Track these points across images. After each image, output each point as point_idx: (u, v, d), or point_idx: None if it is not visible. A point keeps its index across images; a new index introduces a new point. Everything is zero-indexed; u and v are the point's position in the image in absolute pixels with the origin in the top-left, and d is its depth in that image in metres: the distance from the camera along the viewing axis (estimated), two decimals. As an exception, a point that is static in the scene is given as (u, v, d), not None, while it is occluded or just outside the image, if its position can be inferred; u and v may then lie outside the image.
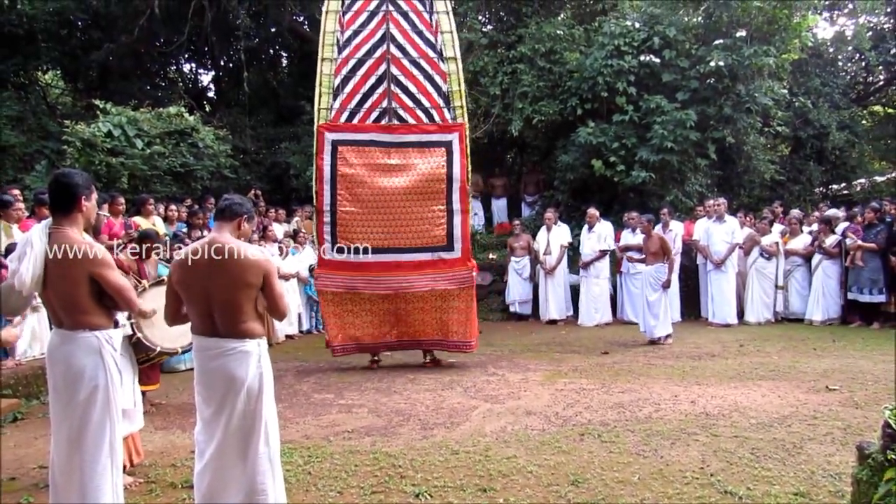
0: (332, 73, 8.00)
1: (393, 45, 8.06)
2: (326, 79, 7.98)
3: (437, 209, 7.94)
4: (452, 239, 7.98)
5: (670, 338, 9.41)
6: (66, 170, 3.75)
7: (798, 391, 6.46)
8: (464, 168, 7.92)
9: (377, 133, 7.97)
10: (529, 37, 13.76)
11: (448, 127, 7.99)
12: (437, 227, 7.95)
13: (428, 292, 7.91)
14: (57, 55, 15.84)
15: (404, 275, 7.92)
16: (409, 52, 8.07)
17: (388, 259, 7.91)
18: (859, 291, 10.39)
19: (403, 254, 7.92)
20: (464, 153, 7.93)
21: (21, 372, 6.65)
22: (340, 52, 8.05)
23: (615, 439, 5.09)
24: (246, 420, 3.45)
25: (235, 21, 15.66)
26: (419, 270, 7.93)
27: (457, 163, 7.92)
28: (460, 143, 7.93)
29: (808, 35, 13.55)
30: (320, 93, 7.94)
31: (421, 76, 8.06)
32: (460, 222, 7.98)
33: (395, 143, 7.96)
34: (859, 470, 3.07)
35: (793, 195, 15.44)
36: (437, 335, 8.06)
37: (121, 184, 10.62)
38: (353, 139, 7.96)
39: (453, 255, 7.97)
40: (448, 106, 8.03)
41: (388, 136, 7.96)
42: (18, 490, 4.37)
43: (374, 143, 7.96)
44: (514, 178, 16.09)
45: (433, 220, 7.95)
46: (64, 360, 3.44)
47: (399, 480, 4.37)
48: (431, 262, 7.95)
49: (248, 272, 3.47)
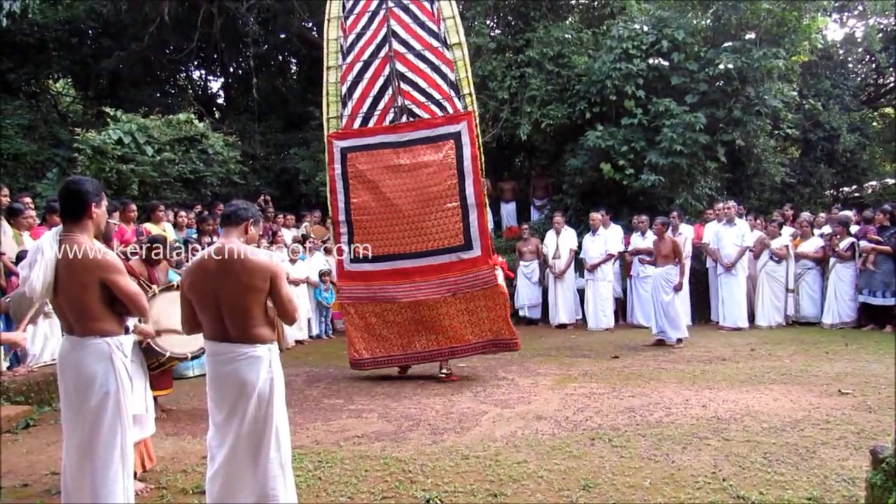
0: (338, 81, 7.82)
1: (396, 41, 7.77)
2: (333, 87, 7.82)
3: (450, 206, 7.51)
4: (470, 237, 7.50)
5: (682, 342, 9.37)
6: (77, 177, 3.78)
7: (810, 395, 6.41)
8: (475, 158, 7.48)
9: (384, 134, 7.71)
10: (537, 41, 13.77)
11: (454, 117, 7.59)
12: (452, 225, 7.51)
13: (451, 297, 7.49)
14: (68, 63, 15.99)
15: (425, 280, 7.54)
16: (414, 46, 7.76)
17: (407, 265, 7.58)
18: (871, 294, 10.31)
19: (422, 258, 7.56)
20: (474, 143, 7.49)
21: (33, 378, 6.69)
22: (345, 57, 7.86)
23: (626, 444, 5.07)
24: (257, 425, 3.46)
25: (244, 28, 15.75)
26: (439, 274, 7.52)
27: (467, 154, 7.48)
28: (469, 132, 7.49)
29: (817, 37, 13.48)
30: (328, 102, 7.81)
31: (428, 69, 7.72)
32: (477, 217, 7.48)
33: (403, 141, 7.65)
34: (873, 474, 3.04)
35: (803, 198, 15.34)
36: (475, 339, 7.58)
37: (131, 191, 10.70)
38: (361, 144, 7.74)
39: (473, 255, 7.49)
40: (458, 95, 7.64)
41: (395, 136, 7.69)
42: (31, 496, 4.39)
43: (384, 146, 7.69)
44: (523, 183, 16.06)
45: (448, 218, 7.53)
46: (75, 367, 3.46)
47: (409, 485, 4.36)
48: (450, 265, 7.52)
49: (256, 276, 3.48)
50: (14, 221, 7.48)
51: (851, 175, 16.88)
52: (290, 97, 18.14)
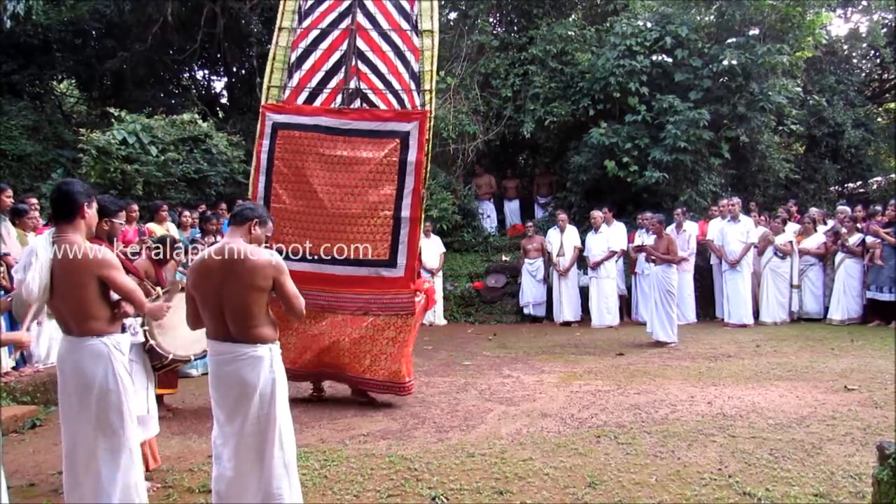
0: (288, 46, 6.76)
1: (362, 13, 6.75)
2: (282, 51, 6.77)
3: (382, 215, 6.43)
4: (396, 253, 6.40)
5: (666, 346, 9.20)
6: (68, 179, 3.82)
7: (816, 391, 6.39)
8: (420, 165, 6.35)
9: (324, 117, 6.58)
10: (541, 38, 13.77)
11: (406, 114, 6.51)
12: (381, 237, 6.43)
13: (361, 317, 6.41)
14: (72, 64, 16.06)
15: (337, 292, 6.44)
16: (380, 23, 6.75)
17: (321, 270, 6.43)
18: (878, 290, 10.27)
19: (339, 266, 6.41)
20: (422, 147, 6.36)
21: (39, 379, 6.70)
22: (301, 20, 6.79)
23: (631, 441, 5.06)
24: (260, 424, 3.47)
25: (248, 27, 15.79)
26: (354, 288, 6.42)
27: (412, 158, 6.37)
28: (420, 134, 6.36)
29: (821, 32, 13.45)
30: (272, 68, 6.77)
31: (391, 52, 6.69)
32: (408, 233, 6.38)
33: (343, 129, 6.54)
34: (880, 470, 3.03)
35: (808, 194, 15.30)
36: (369, 375, 6.41)
37: (136, 190, 10.72)
38: (296, 122, 6.60)
39: (395, 274, 6.39)
40: (418, 89, 6.60)
41: (336, 121, 6.55)
42: (38, 496, 4.40)
43: (319, 129, 6.56)
44: (527, 180, 16.09)
45: (377, 228, 6.44)
46: (73, 368, 3.48)
47: (415, 483, 4.36)
48: (369, 280, 6.42)
49: (257, 275, 3.48)
50: (19, 222, 7.49)
51: (856, 171, 16.81)
52: (293, 97, 18.18)
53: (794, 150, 16.65)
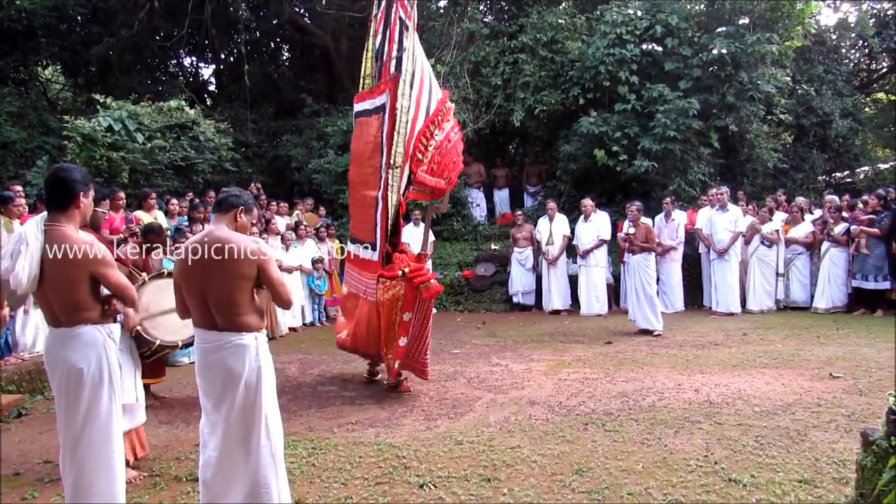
0: (373, 35, 6.66)
1: None
2: (371, 41, 6.72)
3: (371, 195, 6.36)
4: (375, 235, 6.32)
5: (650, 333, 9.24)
6: (65, 165, 3.71)
7: (802, 379, 6.44)
8: (389, 139, 5.99)
9: (361, 102, 6.73)
10: (531, 26, 13.72)
11: (379, 88, 6.33)
12: (371, 217, 6.38)
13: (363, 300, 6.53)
14: (57, 50, 15.86)
15: (358, 272, 6.73)
16: None
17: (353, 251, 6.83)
18: (864, 279, 10.36)
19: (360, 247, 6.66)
20: (392, 119, 5.96)
21: (24, 368, 6.67)
22: (378, 6, 6.67)
23: (619, 428, 5.09)
24: (245, 413, 3.44)
25: (236, 14, 15.65)
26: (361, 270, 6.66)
27: (385, 134, 6.12)
28: (391, 106, 6.02)
29: (810, 22, 13.47)
30: (366, 57, 6.74)
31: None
32: (380, 213, 6.18)
33: (366, 111, 6.64)
34: (864, 457, 3.05)
35: (796, 183, 15.37)
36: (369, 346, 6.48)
37: (122, 178, 10.64)
38: (357, 110, 6.82)
39: (372, 257, 6.40)
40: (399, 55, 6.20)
41: (361, 104, 6.71)
42: (23, 485, 4.38)
43: (360, 114, 6.75)
44: (517, 169, 16.07)
45: (368, 208, 6.43)
46: (65, 360, 3.40)
47: (403, 471, 4.37)
48: (368, 262, 6.52)
49: (242, 264, 3.44)
50: (4, 210, 7.41)
51: (844, 160, 16.90)
52: (282, 84, 18.04)
53: (783, 139, 16.73)
